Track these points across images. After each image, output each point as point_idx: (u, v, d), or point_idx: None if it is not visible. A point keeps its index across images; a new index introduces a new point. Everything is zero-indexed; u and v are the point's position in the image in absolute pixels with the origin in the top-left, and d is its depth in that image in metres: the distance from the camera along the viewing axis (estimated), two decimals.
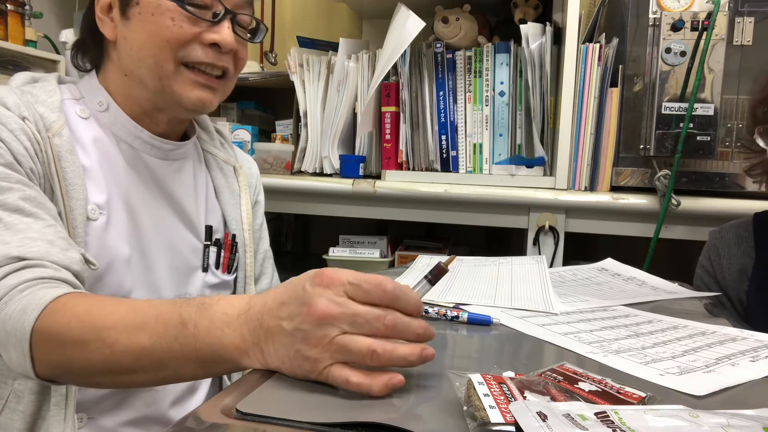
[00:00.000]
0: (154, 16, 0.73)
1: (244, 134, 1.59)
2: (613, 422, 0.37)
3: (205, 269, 0.86)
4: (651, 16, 1.20)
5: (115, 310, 0.54)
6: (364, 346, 0.44)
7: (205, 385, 0.87)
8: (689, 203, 1.19)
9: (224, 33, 0.75)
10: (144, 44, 0.74)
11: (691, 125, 1.16)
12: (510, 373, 0.47)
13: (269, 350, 0.47)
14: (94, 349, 0.52)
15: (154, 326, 0.52)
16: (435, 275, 0.51)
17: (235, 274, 0.91)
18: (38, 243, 0.61)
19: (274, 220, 1.85)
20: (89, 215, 0.72)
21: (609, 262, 1.04)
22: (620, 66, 1.24)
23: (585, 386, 0.46)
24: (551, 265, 1.25)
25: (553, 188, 1.29)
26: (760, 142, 0.85)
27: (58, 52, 1.69)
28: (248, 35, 0.82)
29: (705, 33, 1.14)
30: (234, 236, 0.90)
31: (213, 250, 0.87)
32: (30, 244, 0.60)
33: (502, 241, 1.78)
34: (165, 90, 0.75)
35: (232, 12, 0.76)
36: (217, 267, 0.88)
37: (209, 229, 0.87)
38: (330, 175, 1.47)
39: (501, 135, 1.35)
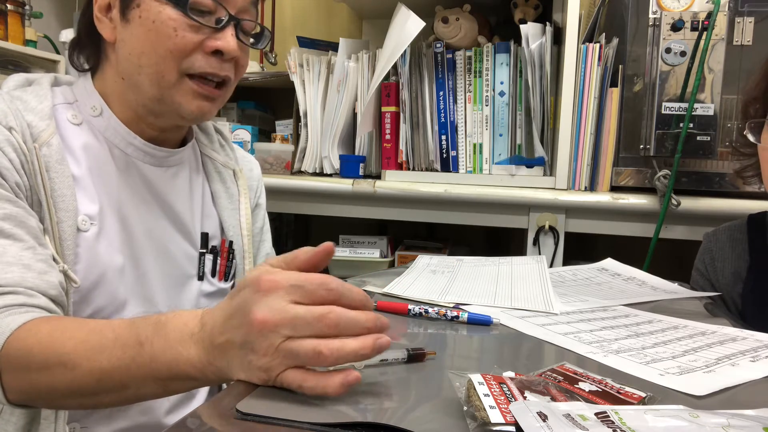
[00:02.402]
0: (155, 23, 0.70)
1: (244, 134, 1.59)
2: (613, 422, 0.37)
3: (201, 277, 0.84)
4: (651, 16, 1.20)
5: (76, 334, 0.55)
6: (309, 349, 0.43)
7: (203, 391, 0.86)
8: (689, 203, 1.19)
9: (228, 39, 0.73)
10: (144, 51, 0.72)
11: (691, 125, 1.16)
12: (510, 373, 0.47)
13: (225, 365, 0.47)
14: (57, 373, 0.54)
15: (113, 348, 0.52)
16: (413, 356, 0.53)
17: (232, 282, 0.89)
18: (13, 268, 0.61)
19: (274, 220, 1.84)
20: (80, 226, 0.70)
21: (609, 262, 1.04)
22: (620, 66, 1.24)
23: (585, 386, 0.46)
24: (551, 265, 1.25)
25: (553, 188, 1.29)
26: (750, 137, 0.85)
27: (58, 52, 1.69)
28: (251, 41, 0.80)
29: (705, 33, 1.14)
30: (231, 243, 0.88)
31: (209, 257, 0.85)
32: (5, 270, 0.60)
33: (502, 241, 1.78)
34: (164, 99, 0.74)
35: (236, 18, 0.74)
36: (213, 275, 0.86)
37: (205, 237, 0.86)
38: (330, 175, 1.47)
39: (501, 135, 1.35)
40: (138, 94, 0.75)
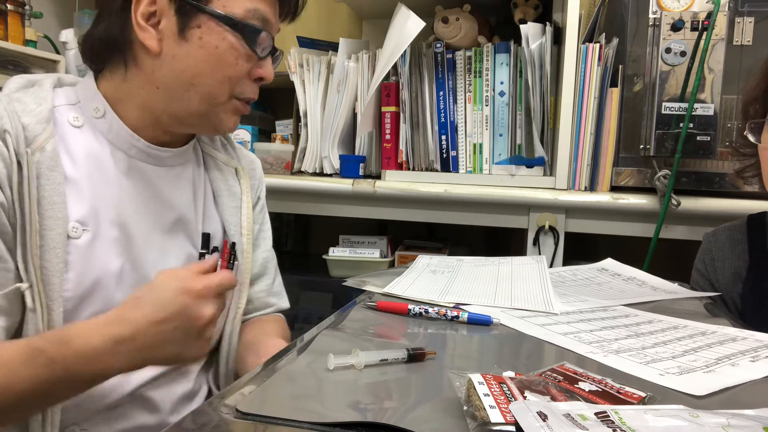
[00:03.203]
0: (218, 49, 0.72)
1: (244, 134, 1.59)
2: (613, 422, 0.37)
3: None
4: (651, 16, 1.20)
5: None
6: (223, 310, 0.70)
7: (204, 390, 0.87)
8: (689, 203, 1.19)
9: (269, 69, 0.78)
10: (201, 73, 0.73)
11: (691, 125, 1.15)
12: (510, 373, 0.47)
13: (155, 356, 0.64)
14: None
15: (24, 372, 0.59)
16: (413, 356, 0.54)
17: None
18: None
19: (274, 220, 1.84)
20: (70, 234, 0.69)
21: (609, 262, 1.04)
22: (620, 66, 1.24)
23: (585, 386, 0.46)
24: (551, 265, 1.25)
25: (553, 188, 1.29)
26: (751, 137, 0.85)
27: (58, 52, 1.69)
28: None
29: (705, 33, 1.14)
30: (233, 245, 0.88)
31: (209, 258, 0.86)
32: None
33: (502, 241, 1.78)
34: (209, 115, 0.76)
35: (276, 49, 0.79)
36: None
37: (206, 237, 0.86)
38: (330, 175, 1.47)
39: (501, 135, 1.35)
40: (174, 106, 0.75)
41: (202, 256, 0.84)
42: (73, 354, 0.59)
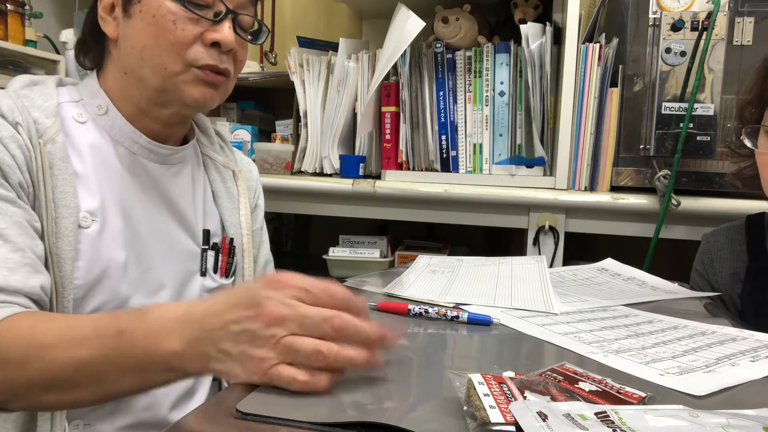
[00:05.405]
0: (155, 17, 0.73)
1: (244, 134, 1.59)
2: (613, 422, 0.37)
3: (203, 273, 0.86)
4: (651, 16, 1.20)
5: (56, 326, 0.56)
6: (310, 347, 0.45)
7: (204, 388, 0.87)
8: (689, 203, 1.19)
9: (225, 32, 0.75)
10: (147, 45, 0.74)
11: (691, 125, 1.16)
12: (510, 373, 0.47)
13: (211, 353, 0.48)
14: (34, 366, 0.54)
15: (92, 339, 0.54)
16: None
17: (233, 278, 0.90)
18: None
19: (274, 220, 1.84)
20: (81, 223, 0.71)
21: (609, 262, 1.04)
22: (620, 66, 1.24)
23: (585, 386, 0.46)
24: (551, 265, 1.25)
25: (553, 188, 1.29)
26: (747, 143, 0.85)
27: (58, 52, 1.69)
28: (249, 36, 0.82)
29: (705, 33, 1.14)
30: (232, 240, 0.89)
31: (211, 254, 0.87)
32: None
33: (502, 241, 1.78)
34: (167, 88, 0.75)
35: (233, 11, 0.76)
36: (215, 271, 0.87)
37: (207, 233, 0.87)
38: (330, 175, 1.47)
39: (501, 135, 1.35)
40: (141, 87, 0.76)
41: (203, 252, 0.86)
42: (144, 327, 0.52)
